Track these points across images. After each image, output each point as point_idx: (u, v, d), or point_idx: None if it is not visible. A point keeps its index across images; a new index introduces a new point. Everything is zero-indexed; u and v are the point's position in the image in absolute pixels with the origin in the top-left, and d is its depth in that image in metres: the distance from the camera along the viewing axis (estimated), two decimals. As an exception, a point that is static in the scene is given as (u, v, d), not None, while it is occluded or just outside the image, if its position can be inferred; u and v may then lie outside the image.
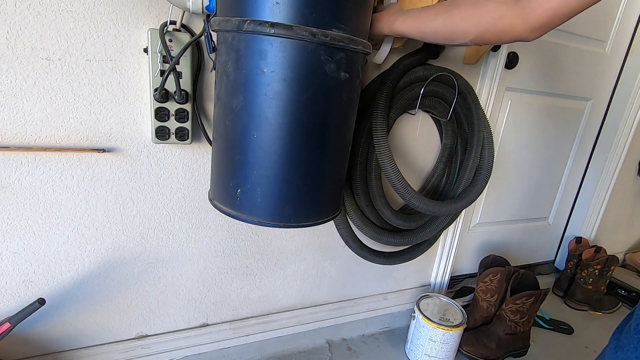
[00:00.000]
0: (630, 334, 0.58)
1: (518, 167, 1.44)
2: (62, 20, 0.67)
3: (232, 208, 0.66)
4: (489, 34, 0.62)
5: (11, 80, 0.67)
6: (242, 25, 0.56)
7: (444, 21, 0.66)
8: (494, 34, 0.62)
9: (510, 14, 0.58)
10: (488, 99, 1.18)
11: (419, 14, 0.70)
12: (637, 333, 0.57)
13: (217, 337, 1.04)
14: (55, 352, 0.88)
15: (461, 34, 0.66)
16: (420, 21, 0.70)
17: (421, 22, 0.70)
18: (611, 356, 0.61)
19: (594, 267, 1.56)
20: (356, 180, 0.96)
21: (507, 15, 0.58)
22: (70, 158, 0.76)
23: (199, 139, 0.85)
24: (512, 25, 0.59)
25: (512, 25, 0.59)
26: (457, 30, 0.66)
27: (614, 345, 0.62)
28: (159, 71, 0.74)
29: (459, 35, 0.66)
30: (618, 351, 0.60)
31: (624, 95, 1.54)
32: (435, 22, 0.68)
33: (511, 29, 0.59)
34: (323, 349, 1.21)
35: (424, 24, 0.69)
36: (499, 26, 0.60)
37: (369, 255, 1.08)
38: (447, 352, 1.16)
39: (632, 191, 1.83)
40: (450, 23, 0.66)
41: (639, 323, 0.57)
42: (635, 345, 0.56)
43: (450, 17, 0.65)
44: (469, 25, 0.63)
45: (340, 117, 0.65)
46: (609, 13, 1.37)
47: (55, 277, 0.83)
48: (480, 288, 1.29)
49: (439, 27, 0.68)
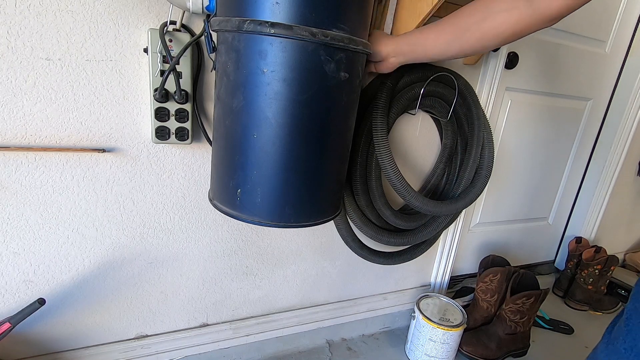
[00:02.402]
0: (620, 328, 0.59)
1: (518, 167, 1.44)
2: (62, 20, 0.67)
3: (232, 208, 0.66)
4: (509, 39, 0.64)
5: (11, 80, 0.67)
6: (242, 25, 0.56)
7: (460, 48, 0.67)
8: (512, 38, 0.64)
9: (526, 17, 0.59)
10: (488, 99, 1.18)
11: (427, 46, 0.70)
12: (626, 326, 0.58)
13: (217, 337, 1.04)
14: (55, 352, 0.88)
15: (481, 49, 0.67)
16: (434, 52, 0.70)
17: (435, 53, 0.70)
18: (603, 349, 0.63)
19: (594, 267, 1.56)
20: (356, 180, 0.96)
21: (523, 19, 0.60)
22: (70, 158, 0.76)
23: (199, 139, 0.85)
24: (530, 25, 0.60)
25: (530, 25, 0.60)
26: (477, 49, 0.67)
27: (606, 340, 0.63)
28: (159, 71, 0.74)
29: (479, 52, 0.68)
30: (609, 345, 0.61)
31: (624, 95, 1.54)
32: (450, 50, 0.68)
33: (529, 28, 0.61)
34: (323, 349, 1.21)
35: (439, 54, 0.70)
36: (517, 30, 0.62)
37: (369, 255, 1.07)
38: (447, 352, 1.16)
39: (632, 191, 1.83)
40: (469, 47, 0.67)
41: (628, 317, 0.58)
42: (624, 338, 0.57)
43: (467, 41, 0.66)
44: (488, 42, 0.65)
45: (340, 117, 0.65)
46: (609, 13, 1.37)
47: (55, 277, 0.83)
48: (480, 288, 1.29)
49: (456, 54, 0.69)
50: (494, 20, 0.62)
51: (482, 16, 0.63)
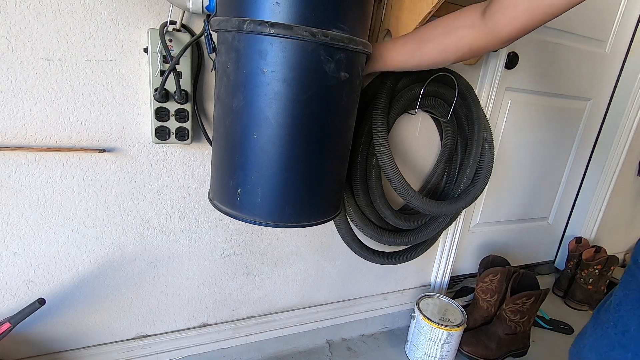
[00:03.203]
0: (609, 312, 0.61)
1: (518, 167, 1.44)
2: (62, 20, 0.67)
3: (232, 208, 0.66)
4: (467, 55, 0.70)
5: (11, 80, 0.67)
6: (242, 25, 0.56)
7: (420, 58, 0.73)
8: (470, 54, 0.70)
9: (482, 36, 0.65)
10: (488, 99, 1.18)
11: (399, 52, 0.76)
12: (617, 312, 0.59)
13: (217, 337, 1.04)
14: (55, 352, 0.88)
15: (442, 62, 0.73)
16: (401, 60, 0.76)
17: (402, 60, 0.76)
18: (591, 333, 0.64)
19: (594, 267, 1.56)
20: (356, 180, 0.96)
21: (480, 38, 0.65)
22: (70, 158, 0.76)
23: (199, 139, 0.85)
24: (486, 44, 0.66)
25: (486, 44, 0.66)
26: (436, 60, 0.73)
27: (593, 323, 0.65)
28: (159, 71, 0.74)
29: (439, 64, 0.74)
30: (597, 328, 0.63)
31: (624, 95, 1.54)
32: (413, 59, 0.74)
33: (485, 46, 0.66)
34: (323, 349, 1.21)
35: (404, 62, 0.76)
36: (474, 47, 0.67)
37: (369, 255, 1.07)
38: (447, 352, 1.16)
39: (632, 191, 1.83)
40: (428, 57, 0.72)
41: (618, 302, 0.60)
42: (615, 322, 0.59)
43: (428, 52, 0.71)
44: (447, 55, 0.71)
45: (340, 117, 0.65)
46: (609, 13, 1.37)
47: (55, 277, 0.83)
48: (480, 288, 1.29)
49: (418, 64, 0.75)
50: (455, 35, 0.67)
51: (445, 30, 0.69)
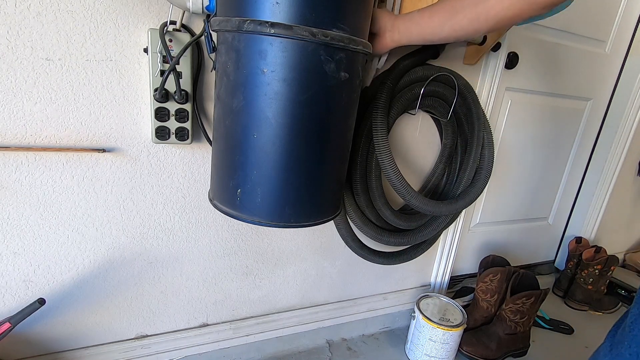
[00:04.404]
0: (624, 332, 0.58)
1: (518, 167, 1.44)
2: (62, 20, 0.67)
3: (232, 208, 0.66)
4: (501, 24, 0.64)
5: (11, 80, 0.67)
6: (242, 25, 0.56)
7: (451, 28, 0.68)
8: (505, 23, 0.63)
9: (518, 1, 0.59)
10: (488, 99, 1.18)
11: (422, 24, 0.71)
12: (631, 331, 0.57)
13: (217, 337, 1.04)
14: (55, 352, 0.88)
15: (473, 33, 0.67)
16: (427, 32, 0.71)
17: (428, 33, 0.71)
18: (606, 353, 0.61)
19: (594, 267, 1.56)
20: (356, 180, 0.96)
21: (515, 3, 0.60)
22: (70, 158, 0.76)
23: (199, 139, 0.85)
24: (521, 9, 0.60)
25: (521, 9, 0.60)
26: (469, 32, 0.67)
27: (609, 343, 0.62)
28: (159, 71, 0.74)
29: (471, 36, 0.68)
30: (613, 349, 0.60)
31: (624, 95, 1.54)
32: (443, 31, 0.69)
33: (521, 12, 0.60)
34: (323, 349, 1.21)
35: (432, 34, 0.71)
36: (509, 15, 0.61)
37: (369, 255, 1.08)
38: (447, 352, 1.16)
39: (632, 191, 1.83)
40: (459, 28, 0.67)
41: (632, 321, 0.57)
42: (629, 343, 0.56)
43: (458, 22, 0.66)
44: (479, 25, 0.65)
45: (340, 117, 0.65)
46: (609, 13, 1.37)
47: (55, 277, 0.83)
48: (480, 288, 1.29)
49: (448, 35, 0.69)
50: (487, 3, 0.62)
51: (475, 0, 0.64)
